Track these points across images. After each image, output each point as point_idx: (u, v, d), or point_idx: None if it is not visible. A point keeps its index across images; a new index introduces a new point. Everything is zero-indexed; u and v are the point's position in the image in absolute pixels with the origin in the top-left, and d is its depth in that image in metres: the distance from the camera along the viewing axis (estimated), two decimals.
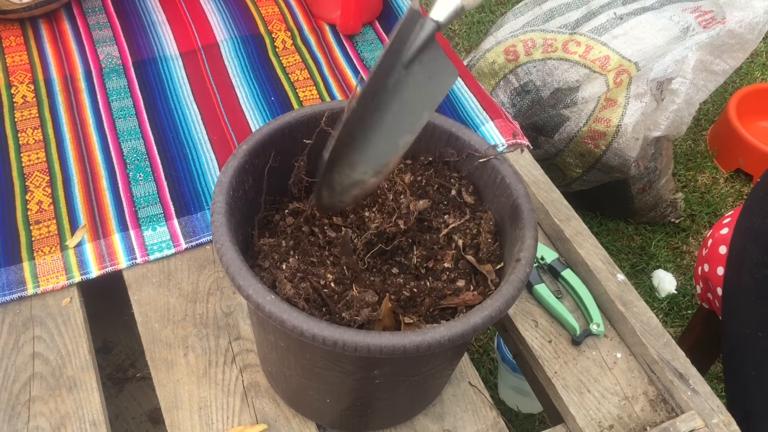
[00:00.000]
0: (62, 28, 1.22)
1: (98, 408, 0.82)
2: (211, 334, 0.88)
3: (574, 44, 1.59)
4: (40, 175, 1.02)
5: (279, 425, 0.82)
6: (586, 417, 0.84)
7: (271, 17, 1.28)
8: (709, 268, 1.13)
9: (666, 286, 1.78)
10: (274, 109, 1.13)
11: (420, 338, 0.60)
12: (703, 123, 2.20)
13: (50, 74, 1.15)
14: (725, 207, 1.98)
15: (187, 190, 1.02)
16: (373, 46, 1.25)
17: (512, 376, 1.47)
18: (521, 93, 1.64)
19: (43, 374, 0.84)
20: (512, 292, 0.64)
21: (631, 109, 1.54)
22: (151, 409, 1.19)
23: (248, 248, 0.74)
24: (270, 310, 0.60)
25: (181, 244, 0.96)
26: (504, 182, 0.75)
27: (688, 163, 2.10)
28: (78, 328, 0.88)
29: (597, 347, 0.91)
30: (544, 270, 0.98)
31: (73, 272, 0.91)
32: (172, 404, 0.83)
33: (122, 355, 1.23)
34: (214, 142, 1.08)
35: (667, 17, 1.57)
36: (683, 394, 0.84)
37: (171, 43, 1.22)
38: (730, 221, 1.13)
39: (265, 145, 0.74)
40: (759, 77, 2.31)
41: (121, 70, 1.17)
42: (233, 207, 0.69)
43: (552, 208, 1.01)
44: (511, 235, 0.73)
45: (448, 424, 0.84)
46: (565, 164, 1.68)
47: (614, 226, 1.91)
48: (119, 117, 1.10)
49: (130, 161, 1.04)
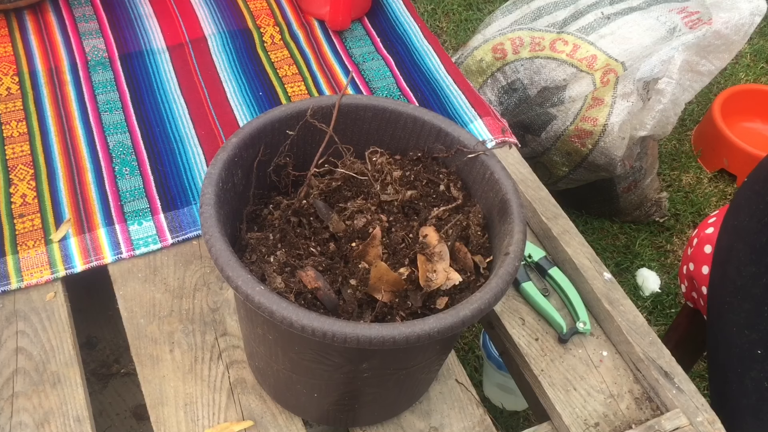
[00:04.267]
0: (48, 19, 1.21)
1: (82, 404, 0.81)
2: (197, 330, 0.88)
3: (562, 43, 1.59)
4: (24, 168, 1.00)
5: (265, 421, 0.81)
6: (572, 415, 0.85)
7: (260, 12, 1.27)
8: (695, 267, 1.14)
9: (650, 285, 1.79)
10: (262, 104, 1.12)
11: (409, 330, 0.60)
12: (687, 123, 2.21)
13: (35, 66, 1.13)
14: (709, 207, 2.00)
15: (173, 185, 1.01)
16: (362, 42, 1.24)
17: (497, 373, 1.47)
18: (509, 91, 1.64)
19: (27, 369, 0.83)
20: (501, 285, 0.64)
21: (617, 109, 1.55)
22: (135, 405, 1.18)
23: (236, 242, 0.74)
24: (259, 300, 0.60)
25: (168, 239, 0.95)
26: (493, 178, 0.75)
27: (672, 163, 2.11)
28: (62, 323, 0.87)
29: (583, 345, 0.91)
30: (532, 268, 0.98)
31: (57, 266, 0.90)
32: (158, 400, 0.82)
33: (107, 350, 1.22)
34: (202, 136, 1.07)
35: (654, 17, 1.58)
36: (668, 393, 0.85)
37: (158, 37, 1.21)
38: (716, 221, 1.14)
39: (254, 139, 0.74)
40: (743, 78, 2.33)
41: (107, 63, 1.16)
42: (222, 199, 0.69)
43: (539, 206, 1.01)
44: (499, 230, 0.73)
45: (435, 422, 0.83)
46: (551, 163, 1.69)
47: (599, 224, 1.92)
48: (105, 110, 1.09)
49: (116, 155, 1.03)
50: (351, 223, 0.72)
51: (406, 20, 1.28)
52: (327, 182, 0.76)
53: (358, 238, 0.72)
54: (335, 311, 0.67)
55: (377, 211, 0.74)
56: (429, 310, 0.69)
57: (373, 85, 1.17)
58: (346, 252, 0.71)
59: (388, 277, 0.67)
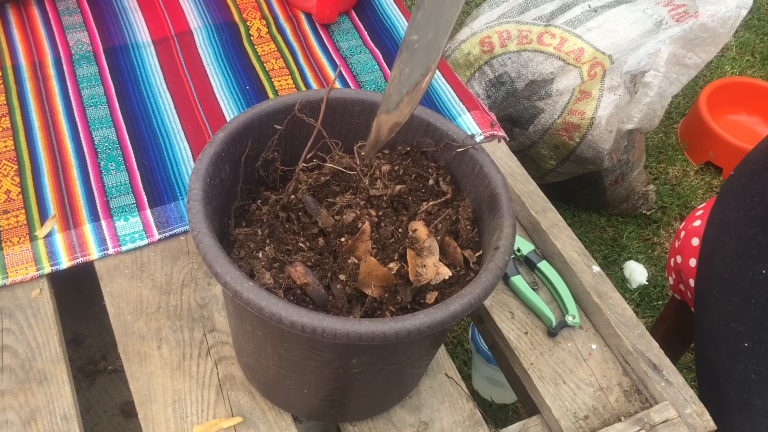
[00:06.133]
0: (31, 13, 1.19)
1: (69, 401, 0.80)
2: (185, 326, 0.87)
3: (549, 36, 1.59)
4: (7, 163, 0.99)
5: (255, 418, 0.81)
6: (562, 408, 0.85)
7: (246, 5, 1.26)
8: (682, 259, 1.14)
9: (637, 278, 1.80)
10: (249, 99, 1.12)
11: (399, 325, 0.59)
12: (674, 116, 2.22)
13: (18, 60, 1.12)
14: (695, 199, 2.01)
15: (160, 180, 1.00)
16: (349, 35, 1.24)
17: (486, 366, 1.47)
18: (496, 84, 1.64)
19: (13, 367, 0.82)
20: (491, 279, 0.64)
21: (605, 102, 1.55)
22: (123, 402, 1.17)
23: (224, 238, 0.73)
24: (248, 297, 0.59)
25: (155, 235, 0.94)
26: (482, 172, 0.74)
27: (659, 156, 2.12)
28: (48, 320, 0.86)
29: (572, 339, 0.91)
30: (521, 262, 0.98)
31: (42, 263, 0.89)
32: (146, 397, 0.81)
33: (93, 347, 1.21)
34: (188, 131, 1.06)
35: (641, 10, 1.58)
36: (657, 385, 0.85)
37: (143, 30, 1.19)
38: (703, 213, 1.14)
39: (241, 133, 0.73)
40: (729, 71, 2.34)
41: (91, 56, 1.14)
42: (210, 194, 0.68)
43: (528, 200, 1.01)
44: (489, 224, 0.73)
45: (425, 416, 0.83)
46: (539, 156, 1.69)
47: (587, 217, 1.92)
48: (90, 105, 1.08)
49: (101, 150, 1.02)
50: (340, 218, 0.72)
51: (393, 13, 1.27)
52: (315, 177, 0.75)
53: (347, 233, 0.71)
54: (324, 307, 0.67)
55: (366, 206, 0.73)
56: (419, 305, 0.69)
57: (361, 78, 1.17)
58: (335, 247, 0.71)
59: (378, 272, 0.67)
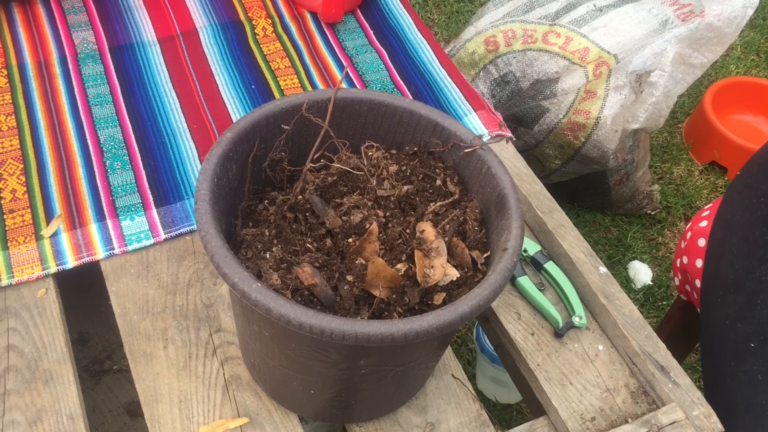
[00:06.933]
0: (36, 12, 1.19)
1: (75, 401, 0.80)
2: (191, 326, 0.87)
3: (554, 35, 1.59)
4: (13, 162, 0.99)
5: (261, 418, 0.81)
6: (569, 409, 0.85)
7: (252, 4, 1.26)
8: (688, 260, 1.14)
9: (642, 278, 1.79)
10: (255, 98, 1.11)
11: (408, 326, 0.59)
12: (678, 116, 2.21)
13: (24, 59, 1.12)
14: (700, 199, 2.00)
15: (165, 180, 1.00)
16: (355, 34, 1.23)
17: (491, 366, 1.47)
18: (501, 84, 1.63)
19: (19, 367, 0.82)
20: (500, 281, 0.64)
21: (610, 101, 1.55)
22: (128, 402, 1.17)
23: (231, 238, 0.73)
24: (256, 298, 0.59)
25: (160, 235, 0.94)
26: (490, 172, 0.74)
27: (664, 156, 2.11)
28: (54, 319, 0.86)
29: (579, 339, 0.91)
30: (527, 262, 0.98)
31: (48, 262, 0.89)
32: (152, 397, 0.81)
33: (99, 346, 1.21)
34: (194, 130, 1.06)
35: (646, 10, 1.58)
36: (664, 387, 0.85)
37: (149, 29, 1.19)
38: (709, 214, 1.14)
39: (249, 133, 0.73)
40: (734, 71, 2.33)
41: (97, 55, 1.14)
42: (217, 195, 0.68)
43: (535, 200, 1.01)
44: (497, 225, 0.72)
45: (432, 417, 0.83)
46: (544, 156, 1.68)
47: (591, 217, 1.92)
48: (95, 104, 1.08)
49: (107, 149, 1.02)
50: (347, 218, 0.72)
51: (399, 12, 1.27)
52: (323, 177, 0.75)
53: (355, 233, 0.71)
54: (332, 308, 0.67)
55: (374, 207, 0.73)
56: (426, 306, 0.69)
57: (367, 78, 1.16)
58: (342, 248, 0.71)
59: (385, 273, 0.67)
